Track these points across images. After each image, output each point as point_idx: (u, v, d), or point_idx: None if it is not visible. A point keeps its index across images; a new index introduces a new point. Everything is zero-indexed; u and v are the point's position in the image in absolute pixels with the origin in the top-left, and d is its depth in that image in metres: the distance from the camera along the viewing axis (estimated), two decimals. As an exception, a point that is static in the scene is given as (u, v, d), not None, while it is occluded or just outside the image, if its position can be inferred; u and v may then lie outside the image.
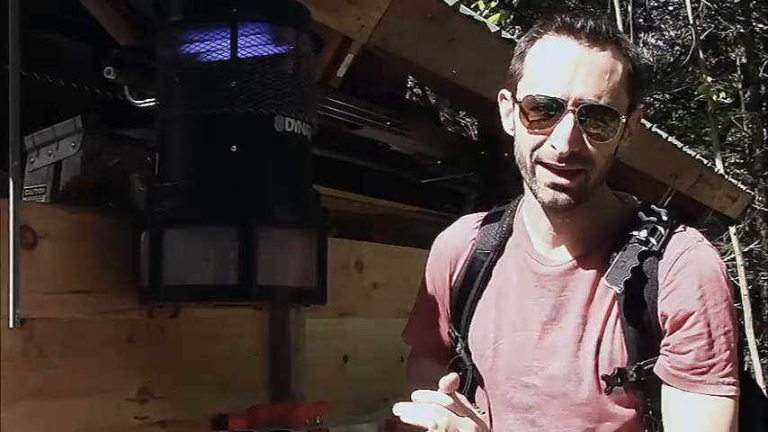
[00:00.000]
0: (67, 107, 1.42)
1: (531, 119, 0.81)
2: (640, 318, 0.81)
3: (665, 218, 0.84)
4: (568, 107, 0.79)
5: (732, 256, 6.19)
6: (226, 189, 1.22)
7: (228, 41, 1.22)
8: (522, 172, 0.84)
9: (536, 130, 0.81)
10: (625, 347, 0.82)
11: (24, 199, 1.33)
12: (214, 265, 1.24)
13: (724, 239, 6.29)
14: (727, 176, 3.80)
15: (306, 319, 1.61)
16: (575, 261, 0.85)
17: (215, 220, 1.22)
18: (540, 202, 0.83)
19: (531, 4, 5.82)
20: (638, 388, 0.81)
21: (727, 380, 0.79)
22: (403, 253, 1.97)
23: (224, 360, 1.48)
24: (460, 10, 1.76)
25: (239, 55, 1.22)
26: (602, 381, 0.81)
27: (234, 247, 1.20)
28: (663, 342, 0.81)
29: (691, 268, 0.81)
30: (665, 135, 3.04)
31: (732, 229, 5.90)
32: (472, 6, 3.46)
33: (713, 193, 3.30)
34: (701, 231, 0.88)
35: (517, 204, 0.92)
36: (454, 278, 0.94)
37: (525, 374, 0.86)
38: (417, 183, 2.28)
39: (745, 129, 7.76)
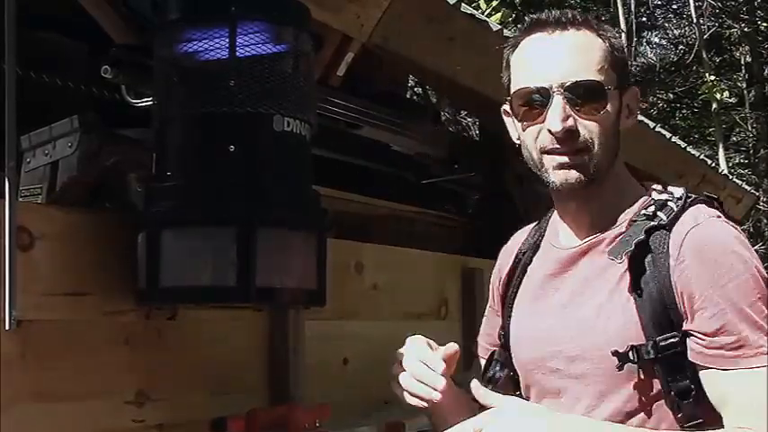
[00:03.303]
0: (64, 107, 1.41)
1: (524, 113, 0.85)
2: (652, 292, 0.80)
3: (678, 195, 0.85)
4: (554, 91, 0.83)
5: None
6: (224, 189, 1.21)
7: (227, 40, 1.21)
8: (535, 170, 0.87)
9: (531, 122, 0.85)
10: (639, 323, 0.80)
11: (20, 199, 1.32)
12: (212, 267, 1.23)
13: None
14: (731, 177, 3.78)
15: (305, 321, 1.59)
16: (589, 243, 0.86)
17: (213, 220, 1.21)
18: (554, 187, 0.86)
19: (532, 3, 5.81)
20: (657, 366, 0.80)
21: (765, 349, 0.77)
22: (403, 254, 1.96)
23: (222, 362, 1.46)
24: (462, 9, 1.75)
25: (238, 54, 1.21)
26: (613, 357, 0.80)
27: (232, 248, 1.19)
28: (687, 327, 0.80)
29: (702, 245, 0.80)
30: (668, 135, 3.02)
31: (736, 230, 5.85)
32: (473, 5, 3.44)
33: (717, 193, 3.27)
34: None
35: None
36: (501, 280, 0.97)
37: (550, 360, 0.87)
38: (418, 183, 2.26)
39: (749, 128, 7.73)
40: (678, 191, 0.86)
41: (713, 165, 3.53)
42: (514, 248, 0.97)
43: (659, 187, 0.89)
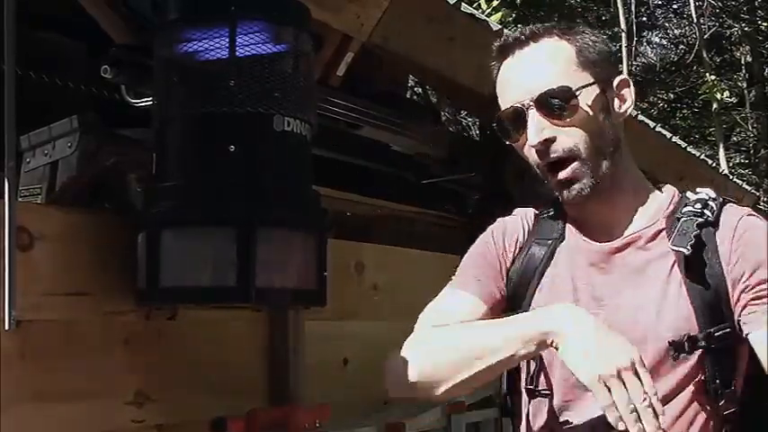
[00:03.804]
0: (64, 107, 1.40)
1: (512, 133, 0.88)
2: (707, 283, 0.82)
3: (713, 195, 0.89)
4: (527, 107, 0.85)
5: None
6: (224, 189, 1.21)
7: (227, 40, 1.21)
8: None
9: (520, 141, 0.88)
10: (693, 314, 0.82)
11: (20, 199, 1.32)
12: (212, 267, 1.23)
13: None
14: (731, 177, 3.78)
15: (305, 322, 1.59)
16: (627, 240, 0.88)
17: (213, 220, 1.21)
18: (564, 201, 0.88)
19: (532, 2, 5.81)
20: (707, 356, 0.82)
21: None
22: (403, 254, 1.96)
23: (222, 363, 1.46)
24: (462, 8, 1.74)
25: (238, 54, 1.21)
26: (669, 347, 0.82)
27: (232, 248, 1.19)
28: (735, 302, 0.82)
29: (753, 235, 0.84)
30: (669, 135, 3.02)
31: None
32: (474, 5, 3.44)
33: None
34: None
35: None
36: (511, 261, 0.94)
37: None
38: (418, 183, 2.26)
39: (749, 128, 7.73)
40: (711, 192, 0.89)
41: (714, 165, 3.53)
42: (523, 233, 0.94)
43: (669, 187, 0.91)
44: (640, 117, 2.81)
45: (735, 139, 8.22)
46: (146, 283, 1.21)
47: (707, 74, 6.29)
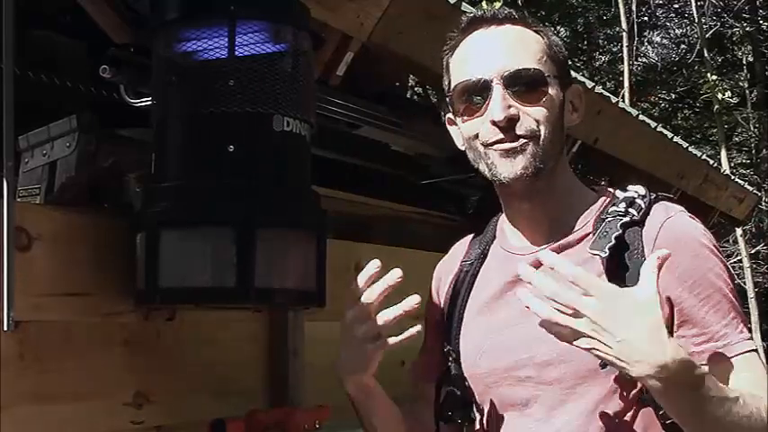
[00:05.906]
0: (63, 107, 1.40)
1: (465, 109, 0.83)
2: (631, 287, 0.79)
3: (642, 192, 0.85)
4: (494, 82, 0.81)
5: (738, 257, 6.16)
6: (224, 189, 1.21)
7: (226, 39, 1.20)
8: (481, 168, 0.85)
9: (472, 116, 0.83)
10: None
11: (18, 200, 1.31)
12: (211, 267, 1.23)
13: (731, 241, 6.26)
14: (733, 177, 3.77)
15: (305, 322, 1.59)
16: (556, 246, 0.85)
17: (212, 221, 1.20)
18: (504, 180, 0.84)
19: (534, 2, 5.81)
20: None
21: (744, 335, 0.80)
22: (403, 255, 1.95)
23: (221, 364, 1.46)
24: (462, 8, 1.74)
25: (237, 53, 1.21)
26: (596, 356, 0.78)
27: (231, 248, 1.18)
28: (672, 321, 0.79)
29: (676, 236, 0.81)
30: (670, 135, 3.01)
31: (738, 231, 5.88)
32: (476, 7, 3.43)
33: (719, 193, 3.27)
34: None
35: (501, 213, 0.94)
36: (443, 295, 0.95)
37: (518, 369, 0.85)
38: (418, 183, 2.26)
39: (751, 128, 7.72)
40: (641, 189, 0.86)
41: (715, 165, 3.52)
42: (455, 264, 0.94)
43: (603, 189, 0.88)
44: (641, 117, 2.81)
45: (736, 139, 8.21)
46: (145, 283, 1.21)
47: (708, 74, 6.29)
